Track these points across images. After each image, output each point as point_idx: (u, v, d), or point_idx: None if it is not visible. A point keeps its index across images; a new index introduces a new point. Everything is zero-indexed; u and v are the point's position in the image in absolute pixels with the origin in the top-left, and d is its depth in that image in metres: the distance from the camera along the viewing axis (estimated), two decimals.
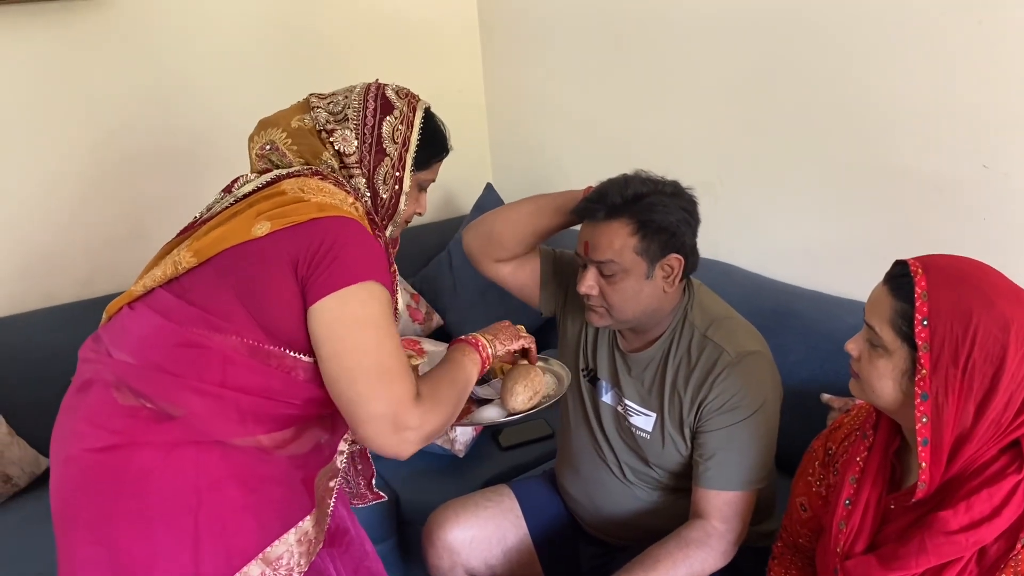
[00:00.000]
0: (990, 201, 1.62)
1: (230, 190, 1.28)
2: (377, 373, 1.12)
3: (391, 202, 1.32)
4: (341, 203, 1.21)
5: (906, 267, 1.06)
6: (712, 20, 2.10)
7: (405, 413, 1.12)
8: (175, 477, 1.11)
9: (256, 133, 1.33)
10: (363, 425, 1.12)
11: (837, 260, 1.96)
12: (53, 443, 1.20)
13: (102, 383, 1.15)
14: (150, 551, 1.10)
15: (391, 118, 1.30)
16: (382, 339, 1.14)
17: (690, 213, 1.45)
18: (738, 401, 1.43)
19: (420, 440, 1.15)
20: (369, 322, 1.14)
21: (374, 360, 1.13)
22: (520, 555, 1.71)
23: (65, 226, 2.32)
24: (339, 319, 1.13)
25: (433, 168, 1.39)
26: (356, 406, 1.12)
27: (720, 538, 1.43)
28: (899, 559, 1.06)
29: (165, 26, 2.34)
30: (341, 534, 1.38)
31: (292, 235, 1.15)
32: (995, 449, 1.02)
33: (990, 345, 0.98)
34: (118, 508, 1.10)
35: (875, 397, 1.10)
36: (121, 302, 1.23)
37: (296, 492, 1.22)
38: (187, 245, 1.20)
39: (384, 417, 1.11)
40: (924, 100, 1.68)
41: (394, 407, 1.12)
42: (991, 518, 0.99)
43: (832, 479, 1.26)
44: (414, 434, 1.13)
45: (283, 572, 1.19)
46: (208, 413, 1.13)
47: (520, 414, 1.43)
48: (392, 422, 1.12)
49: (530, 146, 2.96)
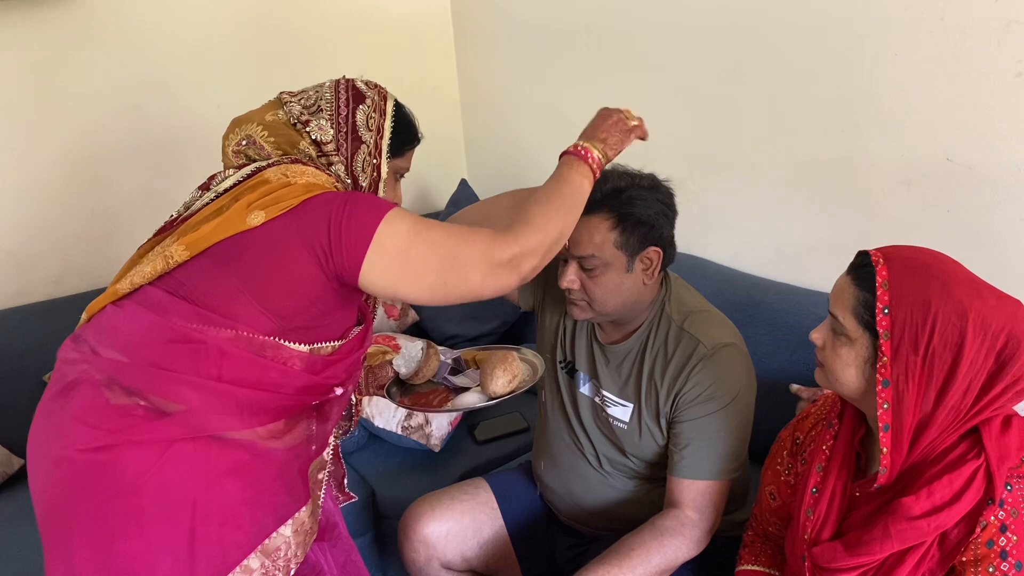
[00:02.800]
0: (954, 193, 1.65)
1: (208, 187, 1.27)
2: (448, 263, 1.18)
3: (371, 190, 1.33)
4: (325, 183, 1.22)
5: (868, 257, 1.08)
6: (683, 17, 2.12)
7: (500, 254, 1.19)
8: (172, 474, 1.11)
9: (230, 131, 1.33)
10: (487, 290, 1.20)
11: (805, 253, 1.99)
12: (33, 446, 1.18)
13: (91, 383, 1.14)
14: (148, 549, 1.09)
15: (364, 107, 1.32)
16: (429, 240, 1.19)
17: (667, 205, 1.46)
18: (712, 392, 1.45)
19: (533, 257, 1.22)
20: (409, 241, 1.18)
21: (437, 259, 1.18)
22: (496, 547, 1.72)
23: (36, 224, 2.30)
24: (393, 266, 1.17)
25: (407, 156, 1.40)
26: (465, 293, 1.20)
27: (694, 527, 1.45)
28: (864, 545, 1.08)
29: (139, 25, 2.32)
30: (331, 528, 1.39)
31: (291, 218, 1.15)
32: (955, 436, 1.04)
33: (949, 332, 1.00)
34: (115, 508, 1.09)
35: (839, 385, 1.12)
36: (104, 301, 1.21)
37: (292, 483, 1.22)
38: (175, 240, 1.19)
39: (486, 275, 1.19)
40: (889, 96, 1.71)
41: (488, 259, 1.19)
42: (952, 503, 1.02)
43: (800, 468, 1.28)
44: (520, 258, 1.20)
45: (281, 563, 1.19)
46: (207, 407, 1.12)
47: (500, 398, 1.46)
48: (498, 266, 1.19)
49: (504, 142, 2.96)
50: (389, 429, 2.16)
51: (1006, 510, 1.01)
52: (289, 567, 1.20)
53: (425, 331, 2.70)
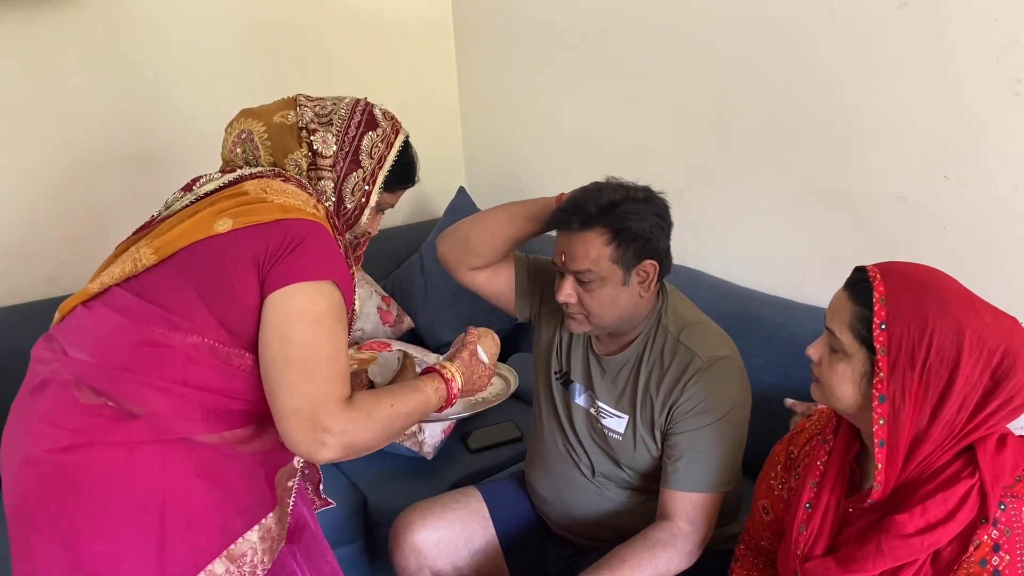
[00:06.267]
0: (950, 211, 1.65)
1: (190, 188, 1.27)
2: (304, 367, 1.11)
3: (355, 213, 1.34)
4: (304, 204, 1.21)
5: (865, 273, 1.08)
6: (682, 31, 2.13)
7: (326, 414, 1.09)
8: (139, 475, 1.10)
9: (237, 120, 1.34)
10: (282, 419, 1.10)
11: (801, 267, 1.99)
12: (4, 445, 1.18)
13: (60, 383, 1.14)
14: (114, 550, 1.09)
15: (373, 134, 1.33)
16: (321, 336, 1.13)
17: (662, 218, 1.46)
18: (708, 405, 1.45)
19: (340, 448, 1.11)
20: (312, 319, 1.13)
21: (306, 354, 1.11)
22: (487, 557, 1.72)
23: (31, 223, 2.29)
24: (284, 311, 1.13)
25: (397, 194, 1.42)
26: (277, 396, 1.11)
27: (686, 539, 1.44)
28: (857, 561, 1.07)
29: (137, 25, 2.32)
30: (300, 530, 1.38)
31: (255, 234, 1.15)
32: (950, 454, 1.04)
33: (946, 348, 1.00)
34: (80, 508, 1.09)
35: (835, 401, 1.12)
36: (75, 301, 1.22)
37: (259, 488, 1.22)
38: (147, 243, 1.20)
39: (301, 412, 1.09)
40: (887, 111, 1.71)
41: (313, 404, 1.10)
42: (945, 521, 1.01)
43: (793, 483, 1.27)
44: (334, 439, 1.10)
45: (247, 570, 1.19)
46: (171, 411, 1.12)
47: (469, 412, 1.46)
48: (309, 419, 1.09)
49: (503, 150, 2.97)
50: None
51: (999, 529, 1.01)
52: (255, 573, 1.20)
53: (420, 338, 2.69)
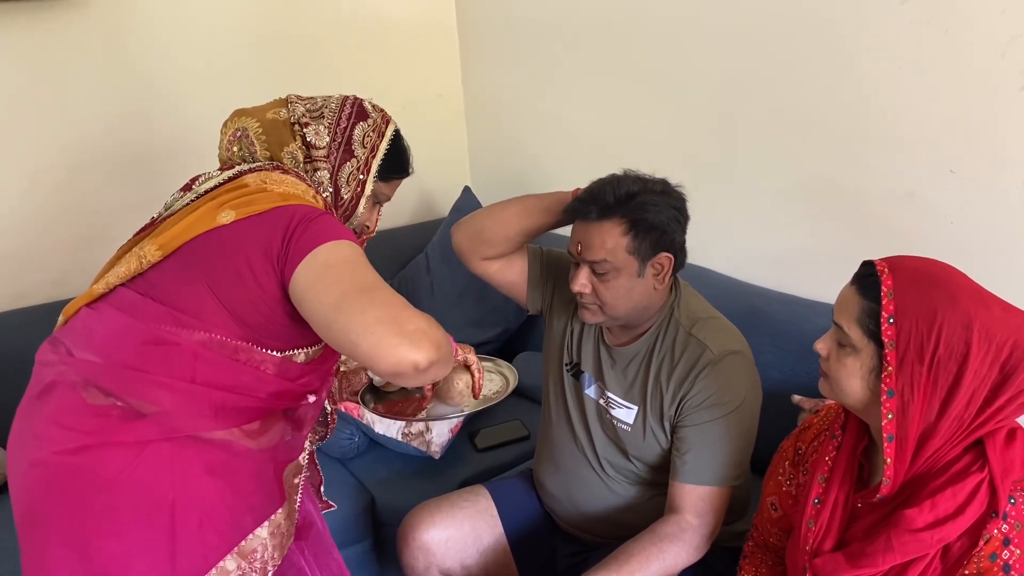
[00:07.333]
0: (957, 205, 1.65)
1: (190, 188, 1.28)
2: (362, 292, 1.07)
3: (351, 202, 1.35)
4: (303, 193, 1.23)
5: (873, 267, 1.08)
6: (687, 29, 2.13)
7: (406, 317, 1.05)
8: (149, 474, 1.11)
9: (231, 119, 1.35)
10: (366, 336, 1.02)
11: (808, 263, 1.98)
12: (11, 449, 1.19)
13: (67, 385, 1.14)
14: (125, 550, 1.09)
15: (364, 124, 1.35)
16: (359, 267, 1.11)
17: (679, 211, 1.47)
18: (718, 398, 1.45)
19: (431, 346, 1.03)
20: (342, 260, 1.11)
21: (356, 283, 1.08)
22: (496, 555, 1.72)
23: (38, 226, 2.29)
24: (314, 269, 1.10)
25: (392, 184, 1.42)
26: (351, 326, 1.03)
27: (694, 533, 1.44)
28: (866, 556, 1.07)
29: (141, 28, 2.32)
30: (308, 527, 1.39)
31: (259, 222, 1.16)
32: (959, 448, 1.04)
33: (954, 342, 1.00)
34: (91, 508, 1.09)
35: (843, 396, 1.12)
36: (79, 303, 1.22)
37: (268, 485, 1.22)
38: (150, 240, 1.20)
39: (382, 320, 1.03)
40: (892, 107, 1.71)
41: (391, 312, 1.05)
42: (955, 516, 1.01)
43: (802, 478, 1.27)
44: (425, 338, 1.03)
45: (258, 566, 1.19)
46: (180, 409, 1.13)
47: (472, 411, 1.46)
48: (395, 321, 1.03)
49: (508, 149, 2.97)
50: (389, 436, 2.15)
51: (1009, 523, 1.01)
52: (266, 569, 1.20)
53: None
